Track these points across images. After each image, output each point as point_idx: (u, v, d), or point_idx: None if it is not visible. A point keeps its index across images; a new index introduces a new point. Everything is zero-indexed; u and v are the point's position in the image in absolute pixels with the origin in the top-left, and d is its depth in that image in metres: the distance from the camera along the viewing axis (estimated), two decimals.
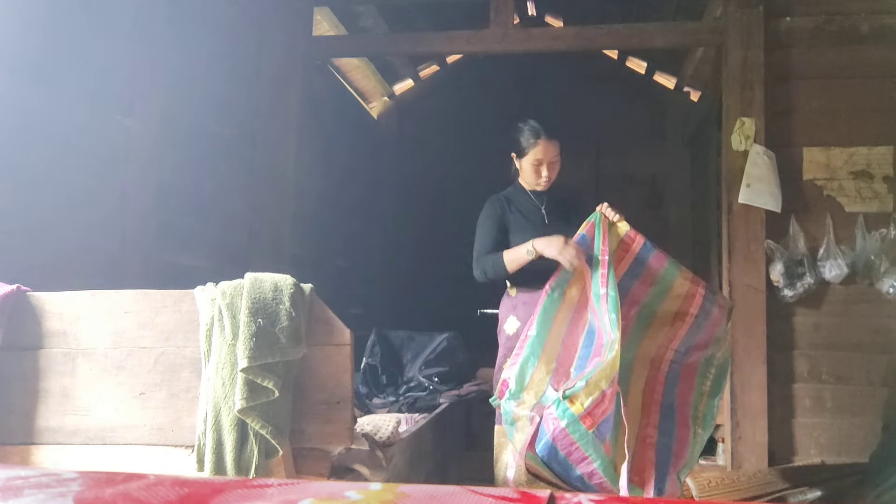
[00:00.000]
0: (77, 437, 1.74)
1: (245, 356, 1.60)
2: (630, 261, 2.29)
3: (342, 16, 4.64)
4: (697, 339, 2.26)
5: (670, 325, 2.25)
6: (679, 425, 2.15)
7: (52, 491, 0.62)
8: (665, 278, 2.28)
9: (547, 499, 0.58)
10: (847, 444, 3.16)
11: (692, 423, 2.17)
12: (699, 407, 2.22)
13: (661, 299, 2.27)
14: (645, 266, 2.28)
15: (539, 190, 2.54)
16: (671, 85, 6.20)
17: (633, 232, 2.31)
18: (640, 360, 2.22)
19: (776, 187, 3.18)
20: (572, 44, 3.72)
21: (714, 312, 2.28)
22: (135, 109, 2.66)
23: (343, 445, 1.77)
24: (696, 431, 2.17)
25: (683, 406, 2.19)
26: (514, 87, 6.09)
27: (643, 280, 2.28)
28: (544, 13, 6.34)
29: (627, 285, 2.26)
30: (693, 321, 2.25)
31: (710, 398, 2.25)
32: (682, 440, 2.12)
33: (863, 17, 3.29)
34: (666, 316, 2.27)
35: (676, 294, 2.27)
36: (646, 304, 2.27)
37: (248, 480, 0.66)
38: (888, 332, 3.15)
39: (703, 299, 2.27)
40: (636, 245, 2.30)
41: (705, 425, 2.21)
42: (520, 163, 2.53)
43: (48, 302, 1.78)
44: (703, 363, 2.27)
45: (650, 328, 2.26)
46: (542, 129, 2.43)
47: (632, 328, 2.23)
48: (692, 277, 2.31)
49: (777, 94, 3.30)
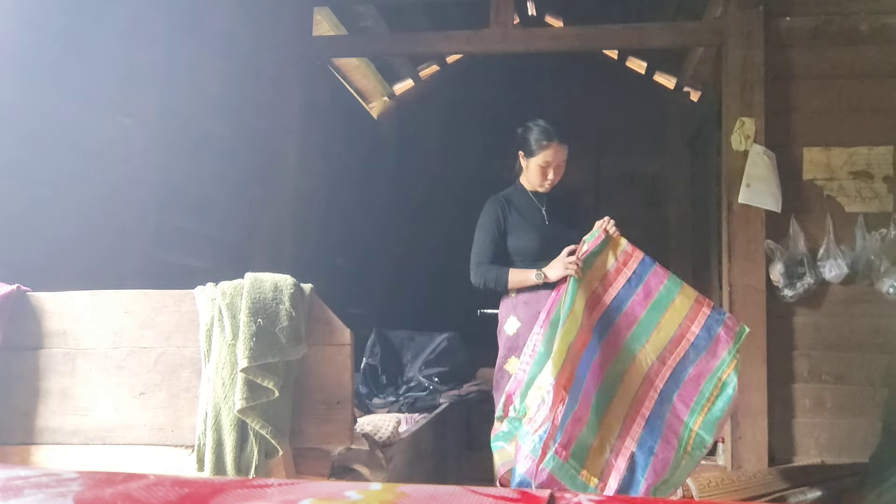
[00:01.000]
0: (77, 437, 1.74)
1: (245, 356, 1.60)
2: (628, 275, 2.30)
3: (342, 16, 4.64)
4: (700, 358, 2.23)
5: (669, 342, 2.24)
6: (664, 441, 2.12)
7: (52, 491, 0.62)
8: (665, 294, 2.28)
9: (547, 499, 0.58)
10: (847, 444, 3.15)
11: (680, 442, 2.13)
12: (693, 426, 2.17)
13: (661, 315, 2.26)
14: (643, 281, 2.29)
15: (541, 191, 2.54)
16: (671, 85, 6.20)
17: (632, 247, 2.34)
18: (631, 374, 2.21)
19: (776, 187, 3.18)
20: (572, 44, 3.72)
21: (720, 333, 2.25)
22: (135, 109, 2.66)
23: (343, 445, 1.77)
24: (685, 449, 2.13)
25: (674, 423, 2.16)
26: (514, 88, 6.09)
27: (641, 295, 2.28)
28: (544, 13, 6.34)
29: (624, 300, 2.27)
30: (694, 339, 2.24)
31: (708, 417, 2.18)
32: (664, 457, 2.09)
33: (863, 17, 3.29)
34: (665, 332, 2.25)
35: (677, 310, 2.26)
36: (643, 319, 2.26)
37: (248, 480, 0.66)
38: (888, 332, 3.15)
39: (708, 318, 2.26)
40: (634, 260, 2.33)
41: (697, 444, 2.14)
42: (527, 162, 2.52)
43: (48, 302, 1.78)
44: (706, 383, 2.23)
45: (647, 343, 2.24)
46: (555, 133, 2.43)
47: (627, 341, 2.23)
48: (696, 296, 2.30)
49: (777, 94, 3.30)
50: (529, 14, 6.31)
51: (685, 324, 2.26)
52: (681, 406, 2.19)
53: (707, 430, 2.16)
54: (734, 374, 2.23)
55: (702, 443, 2.15)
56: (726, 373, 2.24)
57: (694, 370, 2.23)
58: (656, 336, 2.25)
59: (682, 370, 2.23)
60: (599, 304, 2.28)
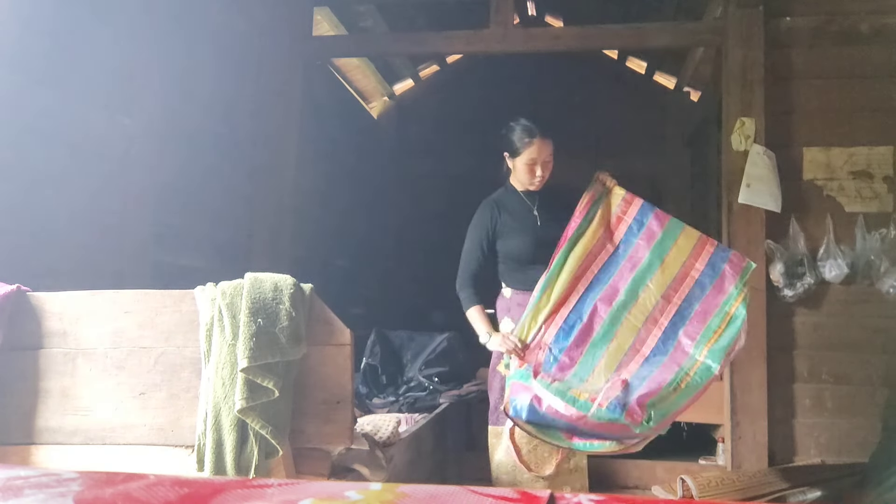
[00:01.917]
0: (77, 437, 1.74)
1: (245, 356, 1.60)
2: (629, 222, 2.35)
3: (342, 16, 4.65)
4: (706, 295, 2.24)
5: (673, 280, 2.26)
6: (662, 369, 2.11)
7: (52, 491, 0.62)
8: (667, 236, 2.31)
9: (547, 499, 0.58)
10: (847, 444, 3.15)
11: (681, 369, 2.11)
12: (698, 356, 2.14)
13: (664, 255, 2.29)
14: (644, 226, 2.33)
15: (532, 190, 2.50)
16: (671, 85, 6.21)
17: (630, 195, 2.38)
18: (634, 314, 2.24)
19: (776, 187, 3.18)
20: (572, 44, 3.72)
21: (725, 269, 2.27)
22: (135, 109, 2.66)
23: (343, 445, 1.77)
24: (686, 373, 2.10)
25: (678, 356, 2.15)
26: (514, 88, 6.09)
27: (644, 239, 2.31)
28: (544, 13, 6.34)
29: (627, 246, 2.32)
30: (699, 276, 2.25)
31: (715, 347, 2.15)
32: (660, 379, 2.08)
33: (863, 17, 3.29)
34: (669, 271, 2.27)
35: (680, 250, 2.29)
36: (646, 261, 2.29)
37: (248, 480, 0.66)
38: (888, 332, 3.15)
39: (712, 255, 2.28)
40: (634, 207, 2.37)
41: (700, 371, 2.11)
42: (513, 162, 2.48)
43: (48, 302, 1.78)
44: (713, 318, 2.22)
45: (651, 283, 2.27)
46: (536, 129, 2.40)
47: (630, 284, 2.27)
48: (699, 236, 2.33)
49: (777, 94, 3.30)
50: (529, 14, 6.31)
51: (689, 262, 2.28)
52: (686, 341, 2.19)
53: (714, 357, 2.14)
54: (742, 306, 2.22)
55: (707, 370, 2.12)
56: (734, 306, 2.23)
57: (700, 306, 2.23)
58: (660, 276, 2.27)
59: (688, 307, 2.24)
60: (603, 253, 2.32)
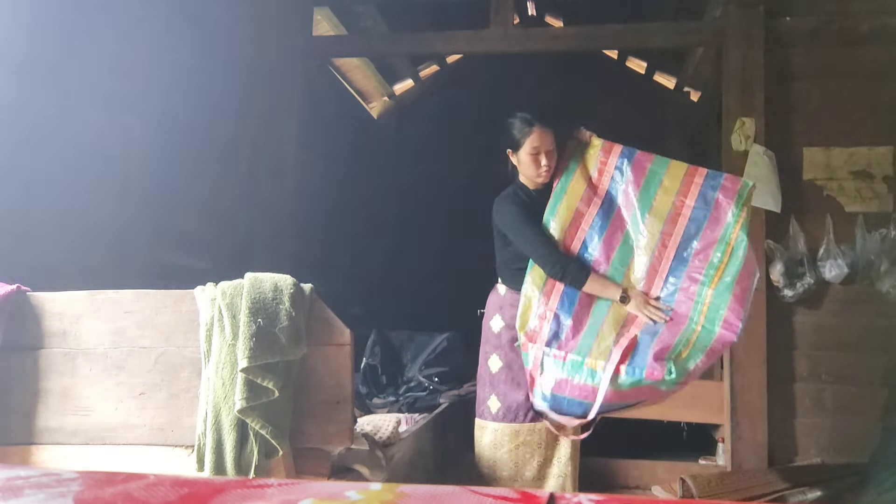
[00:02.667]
0: (77, 437, 1.74)
1: (245, 356, 1.60)
2: (611, 173, 2.30)
3: (342, 16, 4.64)
4: (703, 230, 2.15)
5: (665, 223, 2.19)
6: (671, 323, 2.07)
7: (52, 491, 0.62)
8: (651, 178, 2.25)
9: (547, 499, 0.58)
10: (847, 444, 3.15)
11: (691, 320, 2.06)
12: (705, 299, 2.07)
13: (651, 199, 2.22)
14: (626, 174, 2.27)
15: (540, 182, 2.39)
16: (671, 85, 6.20)
17: (609, 144, 2.34)
18: (633, 268, 2.20)
19: (776, 187, 3.18)
20: (572, 44, 3.72)
21: (718, 198, 2.16)
22: (135, 109, 2.67)
23: (343, 445, 1.77)
24: (697, 322, 2.05)
25: (685, 303, 2.09)
26: (514, 88, 6.09)
27: (629, 187, 2.26)
28: (544, 13, 6.34)
29: (615, 197, 2.27)
30: (691, 213, 2.17)
31: (720, 286, 2.07)
32: (672, 331, 2.04)
33: (863, 17, 3.29)
34: (659, 214, 2.20)
35: (667, 190, 2.22)
36: (636, 210, 2.23)
37: (248, 480, 0.66)
38: (888, 332, 3.15)
39: (701, 187, 2.19)
40: (614, 155, 2.32)
41: (710, 316, 2.04)
42: (517, 157, 2.40)
43: (48, 302, 1.78)
44: (714, 252, 2.13)
45: (645, 232, 2.20)
46: (534, 117, 2.36)
47: (624, 237, 2.23)
48: (687, 168, 2.25)
49: (777, 94, 3.30)
50: (529, 14, 6.30)
51: (678, 201, 2.19)
52: (691, 285, 2.11)
53: (721, 297, 2.05)
54: (743, 232, 2.11)
55: (716, 313, 2.04)
56: (734, 233, 2.11)
57: (699, 244, 2.14)
58: (652, 221, 2.19)
59: (686, 246, 2.15)
60: (592, 207, 2.27)
